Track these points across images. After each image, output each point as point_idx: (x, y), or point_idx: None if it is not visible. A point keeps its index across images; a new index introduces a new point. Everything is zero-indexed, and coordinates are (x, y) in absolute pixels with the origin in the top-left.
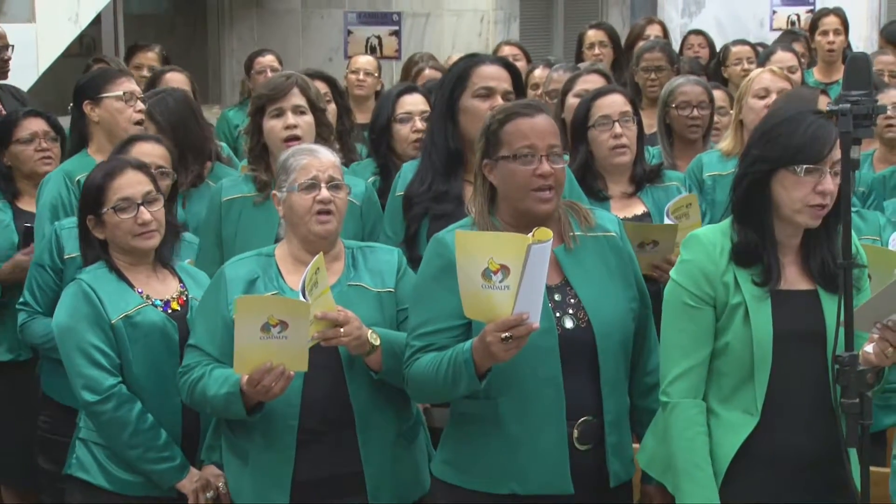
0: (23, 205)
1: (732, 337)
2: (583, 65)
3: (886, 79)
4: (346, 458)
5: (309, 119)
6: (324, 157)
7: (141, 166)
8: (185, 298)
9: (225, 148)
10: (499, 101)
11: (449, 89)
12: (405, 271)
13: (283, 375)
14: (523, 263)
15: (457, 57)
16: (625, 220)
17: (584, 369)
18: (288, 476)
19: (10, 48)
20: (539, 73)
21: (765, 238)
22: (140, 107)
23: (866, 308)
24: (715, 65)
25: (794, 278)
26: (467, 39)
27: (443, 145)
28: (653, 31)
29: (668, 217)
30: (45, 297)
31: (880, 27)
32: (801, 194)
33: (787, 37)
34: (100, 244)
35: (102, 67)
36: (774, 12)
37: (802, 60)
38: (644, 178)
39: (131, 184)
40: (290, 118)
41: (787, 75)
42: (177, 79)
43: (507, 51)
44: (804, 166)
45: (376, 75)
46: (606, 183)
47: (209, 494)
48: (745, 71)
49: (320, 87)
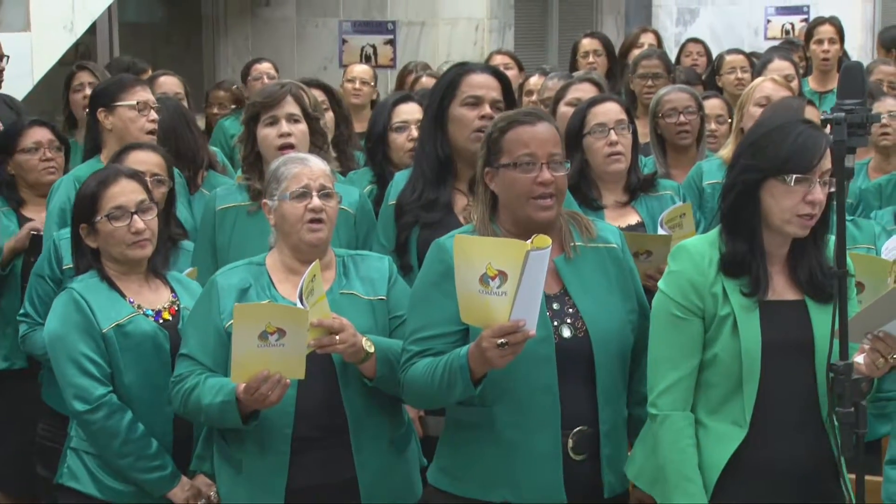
0: (27, 212)
1: (721, 348)
2: (577, 73)
3: (886, 89)
4: (341, 464)
5: (303, 127)
6: (315, 166)
7: (134, 175)
8: (176, 308)
9: (220, 156)
10: (487, 109)
11: (438, 98)
12: (396, 279)
13: (280, 383)
14: (521, 270)
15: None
16: (617, 203)
17: (581, 379)
18: (282, 483)
19: (4, 59)
20: (534, 80)
21: (753, 248)
22: (153, 116)
23: (858, 319)
24: (710, 73)
25: (781, 288)
26: (462, 48)
27: (432, 153)
28: (646, 40)
29: (661, 227)
30: (45, 308)
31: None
32: (791, 204)
33: (786, 46)
34: (92, 253)
35: (118, 76)
36: (769, 21)
37: (799, 69)
38: (638, 186)
39: (125, 192)
40: (285, 126)
41: (788, 84)
42: (169, 82)
43: (498, 60)
44: (794, 176)
45: (372, 84)
46: (601, 192)
47: (201, 503)
48: (739, 80)
49: (317, 96)
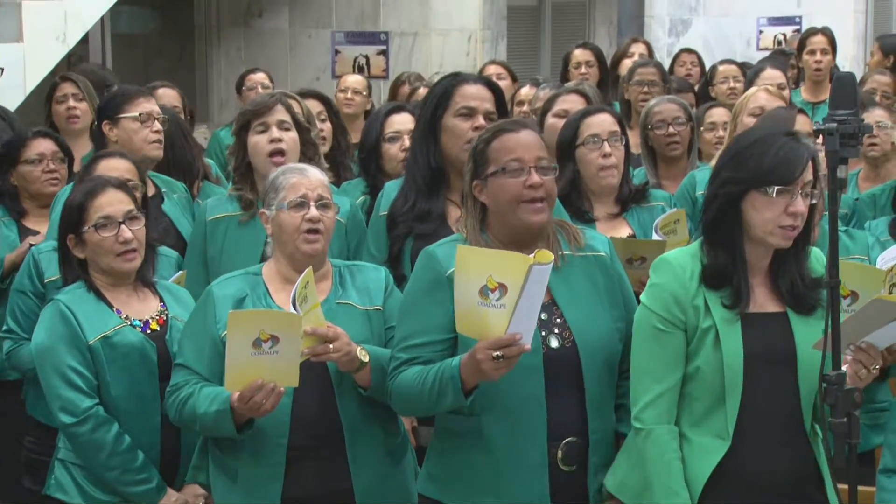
0: (29, 223)
1: (703, 361)
2: (568, 84)
3: (879, 98)
4: (336, 474)
5: (294, 135)
6: (313, 177)
7: (121, 185)
8: (164, 318)
9: (214, 168)
10: (480, 121)
11: (431, 108)
12: (392, 290)
13: (275, 392)
14: (523, 284)
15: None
16: (609, 215)
17: (569, 389)
18: (277, 493)
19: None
20: (525, 91)
21: (735, 260)
22: (157, 127)
23: (841, 330)
24: (703, 84)
25: (763, 300)
26: (455, 59)
27: (425, 164)
28: (637, 50)
29: (656, 233)
30: (29, 323)
31: (868, 45)
32: (773, 215)
33: (778, 55)
34: (80, 264)
35: (123, 87)
36: (761, 32)
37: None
38: (630, 198)
39: (112, 202)
40: (275, 132)
41: (782, 94)
42: (168, 94)
43: (492, 70)
44: (776, 187)
45: (365, 94)
46: (592, 203)
47: None
48: (732, 89)
49: (315, 106)
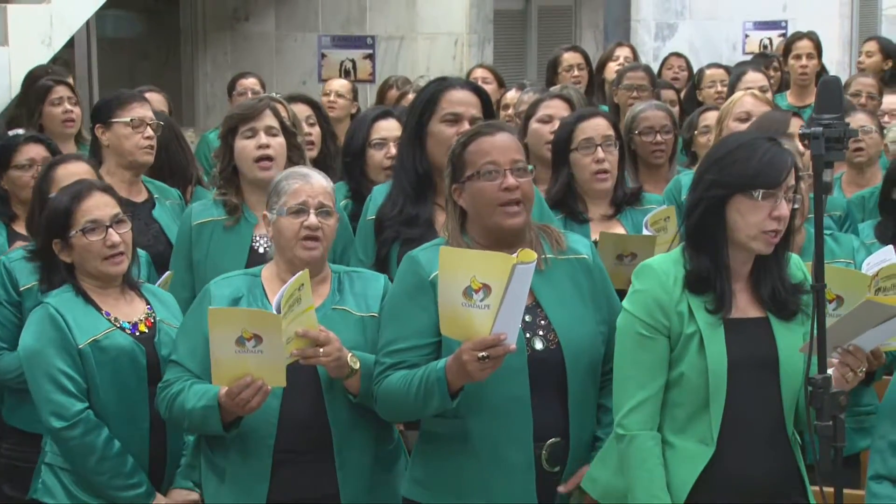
0: (19, 228)
1: (687, 367)
2: (554, 88)
3: (864, 100)
4: (323, 480)
5: (281, 141)
6: (315, 183)
7: (107, 188)
8: (152, 320)
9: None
10: (466, 126)
11: (418, 113)
12: None
13: (262, 390)
14: (506, 284)
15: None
16: (603, 217)
17: (553, 391)
18: (263, 494)
19: None
20: (511, 95)
21: (718, 264)
22: (149, 133)
23: (829, 333)
24: (690, 88)
25: (744, 306)
26: (441, 63)
27: (411, 169)
28: (622, 54)
29: (646, 229)
30: (6, 332)
31: (853, 50)
32: (758, 219)
33: (760, 59)
34: (66, 268)
35: (118, 91)
36: (747, 36)
37: (772, 81)
38: (624, 200)
39: (99, 206)
40: (263, 138)
41: (769, 99)
42: (154, 99)
43: (478, 74)
44: (761, 191)
45: (349, 98)
46: (587, 205)
47: None
48: (720, 93)
49: (303, 111)
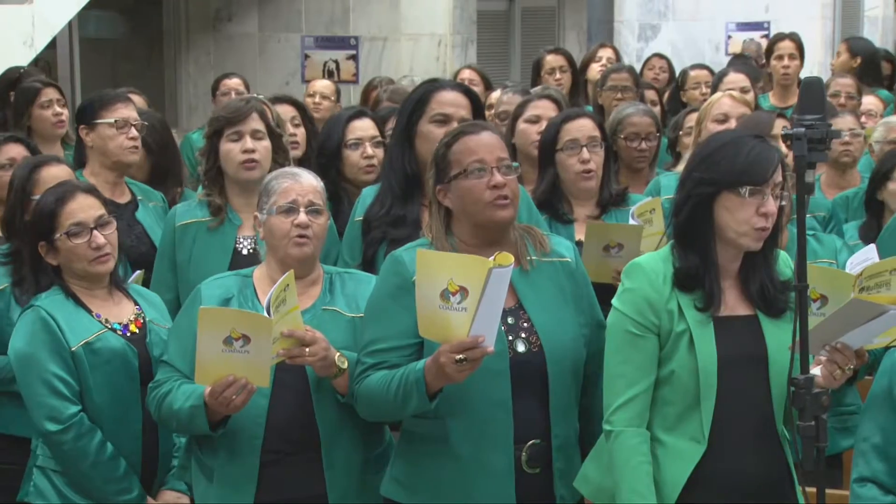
0: None
1: (677, 365)
2: (535, 89)
3: (843, 100)
4: (311, 481)
5: (267, 144)
6: (305, 182)
7: (91, 190)
8: (142, 321)
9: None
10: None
11: (408, 113)
12: None
13: (246, 388)
14: (483, 287)
15: (407, 80)
16: (588, 217)
17: (534, 393)
18: (251, 494)
19: None
20: (495, 96)
21: (706, 262)
22: (133, 134)
23: (816, 331)
24: (674, 89)
25: (733, 303)
26: (425, 63)
27: (400, 169)
28: (605, 55)
29: (633, 219)
30: None
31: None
32: (745, 216)
33: (738, 60)
34: (53, 269)
35: (102, 92)
36: (730, 37)
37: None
38: (610, 201)
39: (83, 208)
40: (249, 142)
41: (747, 100)
42: (134, 101)
43: (466, 75)
44: (748, 188)
45: (333, 99)
46: (572, 206)
47: None
48: (704, 95)
49: (288, 112)
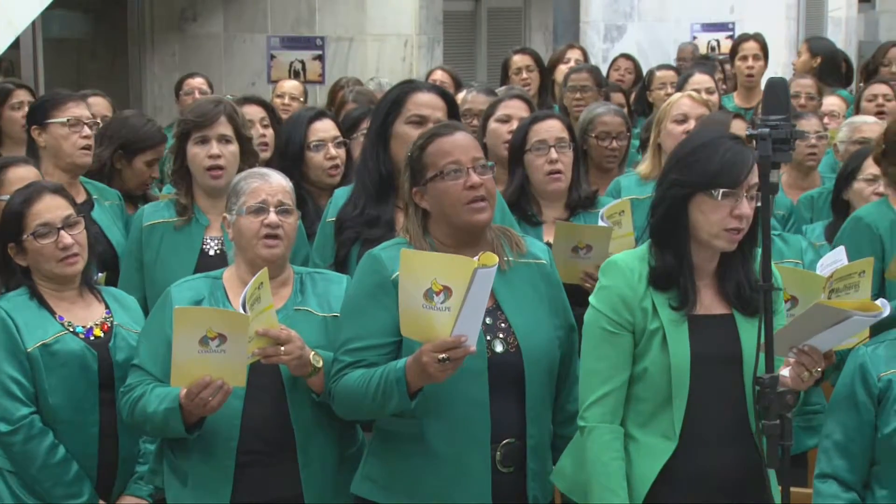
0: None
1: (650, 362)
2: (500, 89)
3: (804, 101)
4: (286, 481)
5: (234, 149)
6: (275, 182)
7: (59, 190)
8: (109, 325)
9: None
10: None
11: (383, 114)
12: None
13: (222, 389)
14: (467, 287)
15: (374, 82)
16: (557, 219)
17: (511, 393)
18: (227, 496)
19: None
20: (461, 96)
21: (682, 262)
22: (86, 133)
23: (783, 333)
24: (640, 89)
25: (710, 302)
26: (391, 64)
27: (374, 170)
28: (573, 56)
29: (602, 221)
30: None
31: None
32: (718, 218)
33: (703, 62)
34: (22, 270)
35: (53, 91)
36: (695, 38)
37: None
38: (579, 203)
39: (50, 209)
40: (215, 147)
41: (706, 100)
42: (98, 103)
43: (437, 76)
44: (721, 190)
45: (302, 100)
46: (541, 208)
47: None
48: (670, 95)
49: (257, 113)
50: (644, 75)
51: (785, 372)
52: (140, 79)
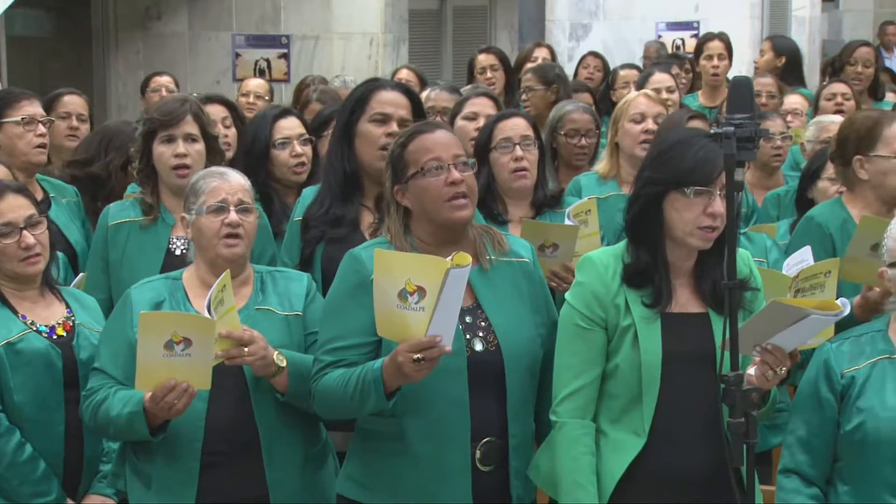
0: None
1: (622, 359)
2: (465, 88)
3: (765, 99)
4: (252, 482)
5: (199, 148)
6: (233, 181)
7: (21, 189)
8: (71, 324)
9: None
10: (394, 127)
11: (348, 112)
12: (314, 296)
13: (187, 392)
14: (441, 287)
15: (339, 81)
16: (522, 219)
17: (491, 392)
18: (192, 497)
19: None
20: (425, 94)
21: (657, 259)
22: (41, 131)
23: (744, 331)
24: (604, 88)
25: (685, 301)
26: (357, 62)
27: (339, 168)
28: (540, 55)
29: (568, 219)
30: None
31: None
32: (692, 216)
33: (667, 60)
34: None
35: (6, 90)
36: (660, 37)
37: (682, 82)
38: (545, 202)
39: (12, 208)
40: (181, 146)
41: (663, 99)
42: (74, 101)
43: (403, 75)
44: (693, 188)
45: (267, 99)
46: (507, 206)
47: None
48: None
49: (219, 112)
50: (609, 74)
51: (751, 370)
52: (104, 77)
